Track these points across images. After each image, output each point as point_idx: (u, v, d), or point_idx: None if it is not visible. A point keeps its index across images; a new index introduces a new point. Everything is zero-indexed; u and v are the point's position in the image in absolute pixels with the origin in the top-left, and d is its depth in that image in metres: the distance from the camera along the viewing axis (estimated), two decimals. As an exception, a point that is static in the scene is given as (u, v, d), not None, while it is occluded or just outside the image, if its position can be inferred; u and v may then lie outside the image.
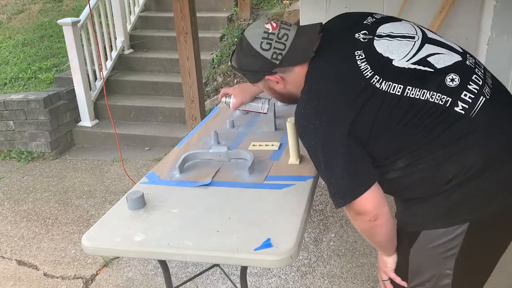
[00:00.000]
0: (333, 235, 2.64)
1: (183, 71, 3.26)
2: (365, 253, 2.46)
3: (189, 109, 3.37)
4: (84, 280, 2.45)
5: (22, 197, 3.49)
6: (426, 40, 1.24)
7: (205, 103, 4.08)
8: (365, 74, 1.16)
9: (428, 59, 1.18)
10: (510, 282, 2.16)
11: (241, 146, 1.97)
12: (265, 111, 1.80)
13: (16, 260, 2.69)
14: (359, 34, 1.24)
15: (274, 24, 1.27)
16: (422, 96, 1.14)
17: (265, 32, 1.26)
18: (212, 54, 4.99)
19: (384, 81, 1.15)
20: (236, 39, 5.00)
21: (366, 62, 1.17)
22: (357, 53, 1.19)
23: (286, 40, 1.25)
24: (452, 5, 3.00)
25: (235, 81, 4.66)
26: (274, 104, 2.19)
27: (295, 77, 1.28)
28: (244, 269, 1.51)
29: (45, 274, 2.53)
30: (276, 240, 1.26)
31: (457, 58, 1.21)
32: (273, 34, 1.25)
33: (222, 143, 1.98)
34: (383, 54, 1.19)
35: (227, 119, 2.25)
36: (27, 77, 5.08)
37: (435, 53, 1.20)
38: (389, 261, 1.36)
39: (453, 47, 1.25)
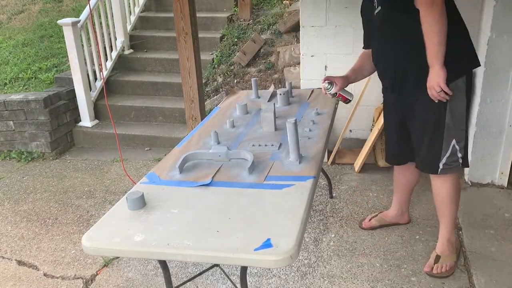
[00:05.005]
0: (333, 235, 2.64)
1: (183, 71, 3.26)
2: (365, 253, 2.46)
3: (189, 109, 3.37)
4: (84, 280, 2.45)
5: (22, 197, 3.50)
6: None
7: (205, 103, 4.08)
8: None
9: None
10: (510, 282, 2.16)
11: (241, 146, 1.97)
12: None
13: (16, 260, 2.69)
14: None
15: None
16: None
17: None
18: (212, 54, 4.99)
19: None
20: (236, 39, 5.00)
21: None
22: None
23: None
24: (452, 5, 3.00)
25: (235, 81, 4.66)
26: (274, 104, 2.20)
27: None
28: (244, 269, 1.51)
29: (45, 274, 2.53)
30: (276, 240, 1.26)
31: None
32: None
33: (222, 143, 1.98)
34: None
35: (227, 119, 2.25)
36: (27, 77, 5.08)
37: None
38: (442, 73, 1.87)
39: None
